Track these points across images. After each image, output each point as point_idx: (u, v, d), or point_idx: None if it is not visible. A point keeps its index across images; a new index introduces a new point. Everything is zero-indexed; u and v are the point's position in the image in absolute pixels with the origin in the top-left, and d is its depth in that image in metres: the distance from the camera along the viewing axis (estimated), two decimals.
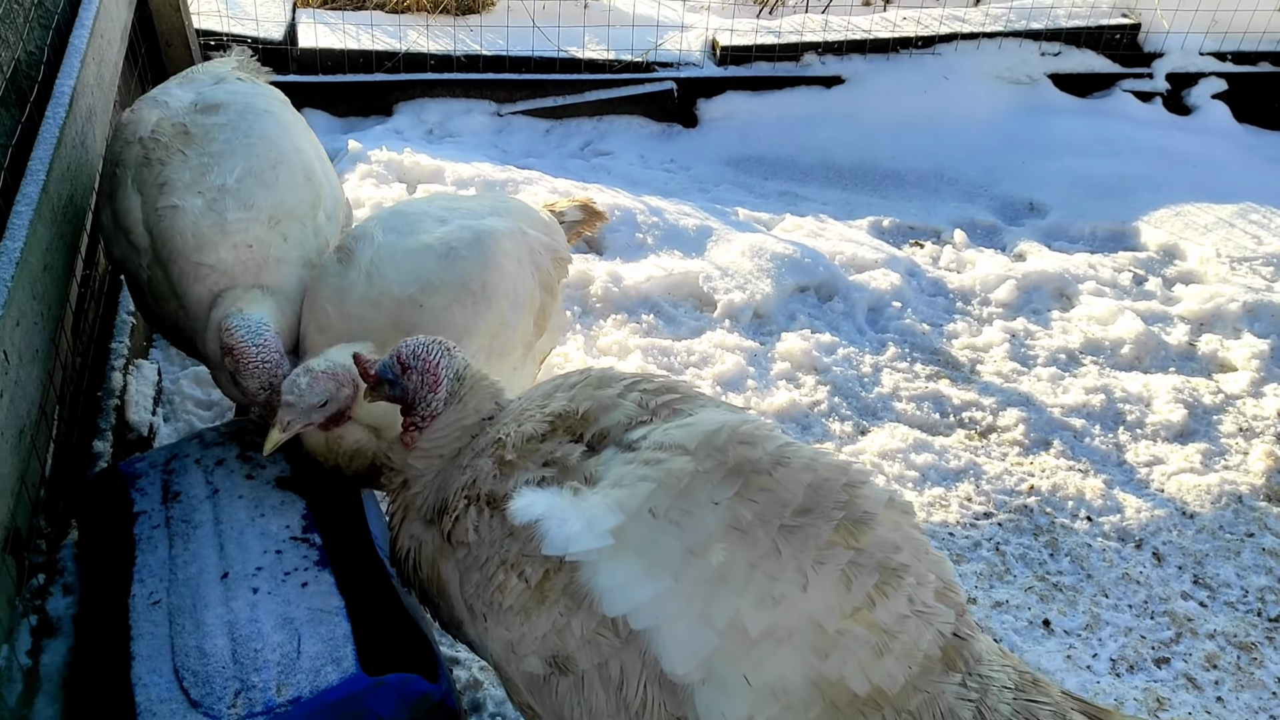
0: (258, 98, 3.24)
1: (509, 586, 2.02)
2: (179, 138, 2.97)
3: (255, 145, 3.00)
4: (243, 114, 3.09)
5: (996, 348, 4.67)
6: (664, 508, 1.94)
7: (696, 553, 1.90)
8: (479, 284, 2.84)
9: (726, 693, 1.87)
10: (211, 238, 2.83)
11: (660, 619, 1.89)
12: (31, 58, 3.15)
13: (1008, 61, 6.94)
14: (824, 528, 1.94)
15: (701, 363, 4.33)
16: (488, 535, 2.08)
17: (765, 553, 1.90)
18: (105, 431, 3.12)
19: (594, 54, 6.59)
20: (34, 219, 2.58)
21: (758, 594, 1.88)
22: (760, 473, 1.97)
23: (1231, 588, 3.55)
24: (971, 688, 1.99)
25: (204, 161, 2.91)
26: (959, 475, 3.91)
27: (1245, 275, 5.30)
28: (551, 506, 2.01)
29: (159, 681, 2.10)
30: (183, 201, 2.84)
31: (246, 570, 2.33)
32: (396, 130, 6.19)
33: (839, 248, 5.21)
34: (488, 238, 2.94)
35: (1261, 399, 4.43)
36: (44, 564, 2.59)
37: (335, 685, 2.10)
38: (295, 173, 3.05)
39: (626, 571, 1.92)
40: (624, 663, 1.92)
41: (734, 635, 1.87)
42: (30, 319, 2.49)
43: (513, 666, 2.08)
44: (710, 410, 2.17)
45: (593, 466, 2.07)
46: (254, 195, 2.91)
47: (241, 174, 2.92)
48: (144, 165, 2.94)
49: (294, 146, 3.13)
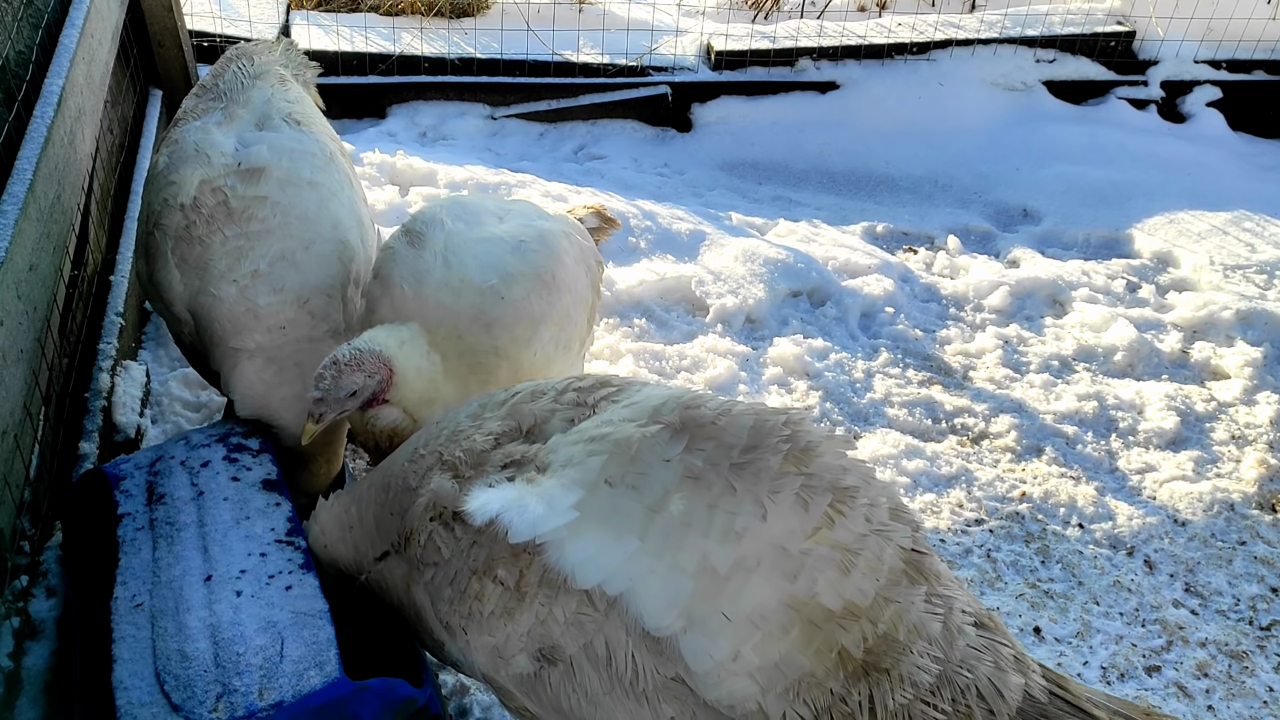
0: (303, 160, 3.17)
1: (486, 593, 2.03)
2: (220, 211, 2.99)
3: (291, 226, 3.02)
4: (283, 187, 3.07)
5: (989, 354, 4.66)
6: (619, 475, 1.99)
7: (657, 509, 1.95)
8: (550, 275, 2.91)
9: (709, 633, 1.91)
10: (246, 324, 2.92)
11: (634, 579, 1.93)
12: (20, 56, 3.13)
13: (1003, 68, 6.95)
14: (773, 460, 2.00)
15: (693, 367, 4.32)
16: (454, 548, 2.09)
17: (721, 492, 1.96)
18: (92, 433, 3.09)
19: (588, 58, 6.58)
20: (20, 218, 2.55)
21: (721, 531, 1.93)
22: (704, 424, 2.04)
23: (1223, 596, 3.54)
24: (936, 604, 2.06)
25: (240, 245, 2.96)
26: (950, 481, 3.90)
27: (1239, 283, 5.29)
28: (507, 499, 2.05)
29: (140, 685, 2.07)
30: (219, 291, 2.92)
31: (230, 573, 2.31)
32: (390, 133, 6.18)
33: (832, 253, 5.20)
34: (550, 235, 3.02)
35: (1254, 407, 4.42)
36: (27, 566, 2.56)
37: (318, 689, 2.07)
38: (328, 253, 3.07)
39: (594, 542, 1.96)
40: (608, 637, 1.94)
41: (706, 576, 1.92)
42: (14, 319, 2.47)
43: (502, 673, 2.08)
44: (650, 389, 2.23)
45: (543, 455, 2.12)
46: (285, 279, 2.97)
47: (274, 258, 2.97)
48: (184, 241, 2.98)
49: (331, 223, 3.12)
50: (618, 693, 1.97)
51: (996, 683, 2.04)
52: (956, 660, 2.03)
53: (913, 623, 2.02)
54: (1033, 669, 2.13)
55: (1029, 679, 2.10)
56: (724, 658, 1.91)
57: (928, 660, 2.00)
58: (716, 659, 1.91)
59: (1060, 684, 2.14)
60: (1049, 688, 2.12)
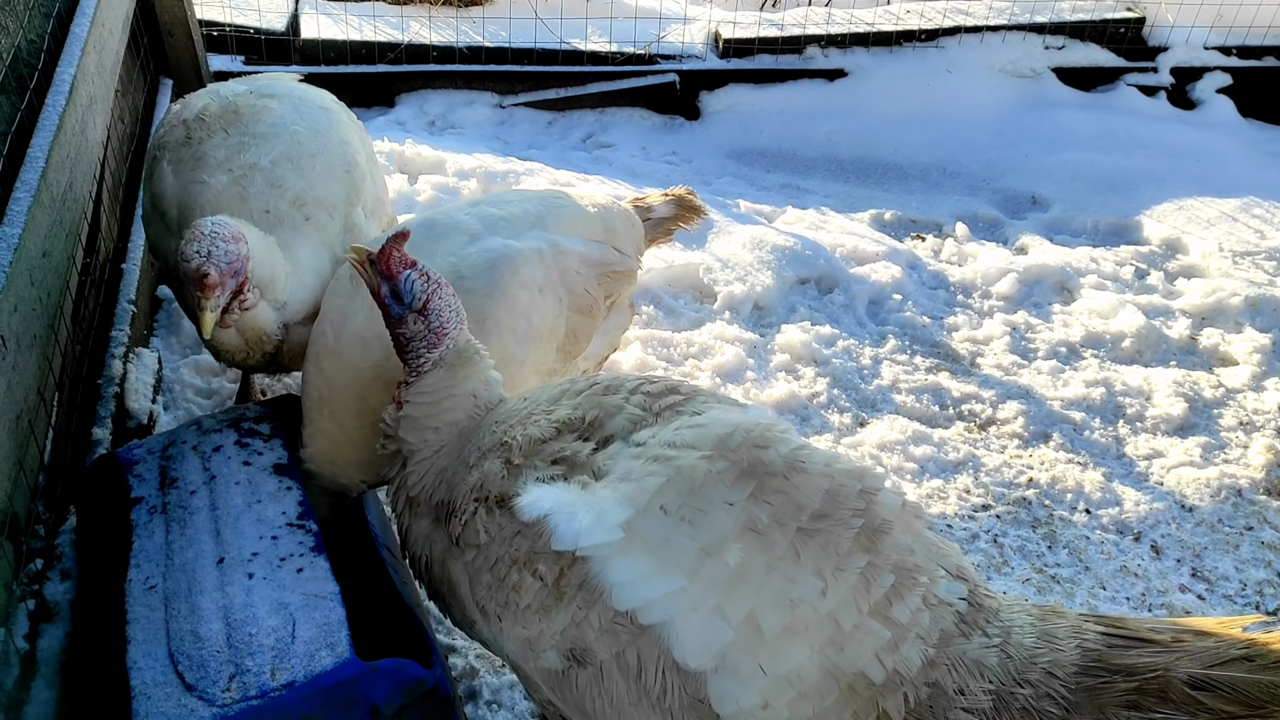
0: (314, 94, 3.25)
1: (525, 586, 2.02)
2: (225, 116, 2.96)
3: (300, 133, 2.97)
4: (297, 105, 3.07)
5: (997, 341, 4.66)
6: (675, 505, 1.94)
7: (711, 553, 1.90)
8: (477, 318, 2.63)
9: (740, 681, 1.88)
10: (230, 207, 2.81)
11: (673, 614, 1.89)
12: (32, 45, 3.15)
13: (1011, 55, 6.93)
14: (843, 535, 1.94)
15: (701, 354, 4.33)
16: (497, 534, 2.07)
17: (783, 555, 1.91)
18: (104, 419, 3.12)
19: (596, 46, 6.58)
20: (33, 205, 2.58)
21: (775, 595, 1.89)
22: (775, 475, 1.97)
23: (1230, 581, 3.55)
24: (994, 635, 2.02)
25: (242, 140, 2.88)
26: (958, 467, 3.91)
27: (1247, 269, 5.28)
28: (559, 501, 2.00)
29: (154, 665, 2.10)
30: (210, 178, 2.84)
31: (242, 556, 2.34)
32: (398, 121, 6.19)
33: (840, 240, 5.20)
34: (504, 264, 2.75)
35: (1262, 393, 4.42)
36: (42, 549, 2.59)
37: (329, 670, 2.10)
38: (335, 165, 2.99)
39: (638, 568, 1.91)
40: (640, 651, 1.93)
41: (749, 630, 1.88)
42: (28, 305, 2.50)
43: (530, 664, 2.09)
44: (718, 410, 2.16)
45: (600, 461, 2.07)
46: (285, 178, 2.87)
47: (277, 157, 2.88)
48: (184, 145, 2.95)
49: (341, 139, 3.09)
50: (644, 705, 1.96)
51: (1050, 668, 2.00)
52: (1013, 675, 1.99)
53: (965, 670, 1.98)
54: (1085, 628, 2.07)
55: (1083, 638, 2.04)
56: (752, 706, 1.89)
57: (980, 695, 1.97)
58: (743, 706, 1.89)
59: (1116, 623, 2.09)
60: (1104, 630, 2.06)
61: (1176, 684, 1.91)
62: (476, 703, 2.86)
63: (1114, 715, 1.94)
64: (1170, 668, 1.93)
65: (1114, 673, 1.97)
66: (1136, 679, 1.95)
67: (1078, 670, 1.99)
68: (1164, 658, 1.96)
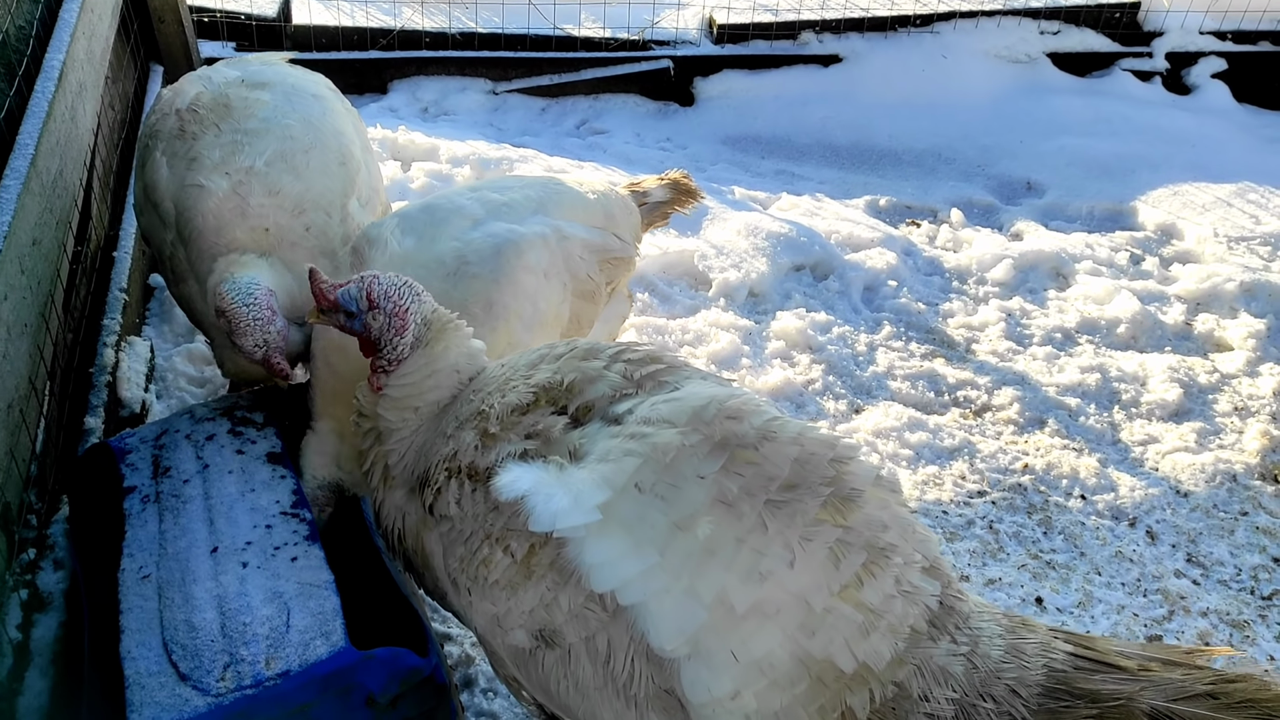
0: (307, 81, 3.21)
1: (494, 561, 2.01)
2: (217, 110, 2.93)
3: (293, 127, 2.95)
4: (288, 94, 3.04)
5: (992, 327, 4.65)
6: (650, 482, 1.93)
7: (683, 527, 1.89)
8: (483, 304, 2.67)
9: (712, 668, 1.87)
10: (231, 220, 2.81)
11: (648, 594, 1.88)
12: (21, 31, 3.13)
13: (1006, 40, 6.91)
14: (811, 504, 1.93)
15: (696, 341, 4.32)
16: (471, 509, 2.07)
17: (751, 527, 1.89)
18: (97, 408, 3.11)
19: (590, 32, 6.56)
20: (22, 193, 2.56)
21: (744, 569, 1.87)
22: (746, 447, 1.96)
23: (1225, 566, 3.55)
24: (962, 643, 2.00)
25: (236, 139, 2.86)
26: (953, 454, 3.91)
27: (1243, 255, 5.28)
28: (537, 482, 1.99)
29: (148, 655, 2.09)
30: (208, 181, 2.81)
31: (236, 545, 2.33)
32: (391, 108, 6.16)
33: (835, 227, 5.19)
34: (509, 249, 2.76)
35: (1257, 378, 4.42)
36: (34, 539, 2.58)
37: (324, 659, 2.10)
38: (329, 158, 2.98)
39: (614, 547, 1.91)
40: (611, 636, 1.92)
41: (721, 611, 1.87)
42: (19, 293, 2.48)
43: (498, 640, 2.09)
44: (696, 383, 2.15)
45: (577, 440, 2.06)
46: (281, 181, 2.86)
47: (272, 157, 2.87)
48: (177, 137, 2.92)
49: (334, 129, 3.08)
50: (608, 691, 1.95)
51: (1014, 685, 1.98)
52: (976, 688, 1.98)
53: (931, 674, 1.96)
54: (1054, 646, 2.05)
55: (1050, 657, 2.03)
56: (723, 695, 1.88)
57: (943, 703, 1.95)
58: (715, 694, 1.88)
59: (1084, 644, 2.08)
60: (1072, 651, 2.05)
61: (1139, 715, 1.90)
62: (473, 690, 2.86)
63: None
64: (1134, 697, 1.92)
65: (1077, 697, 1.97)
66: (1099, 706, 1.94)
67: (1042, 691, 1.98)
68: (1129, 686, 1.95)
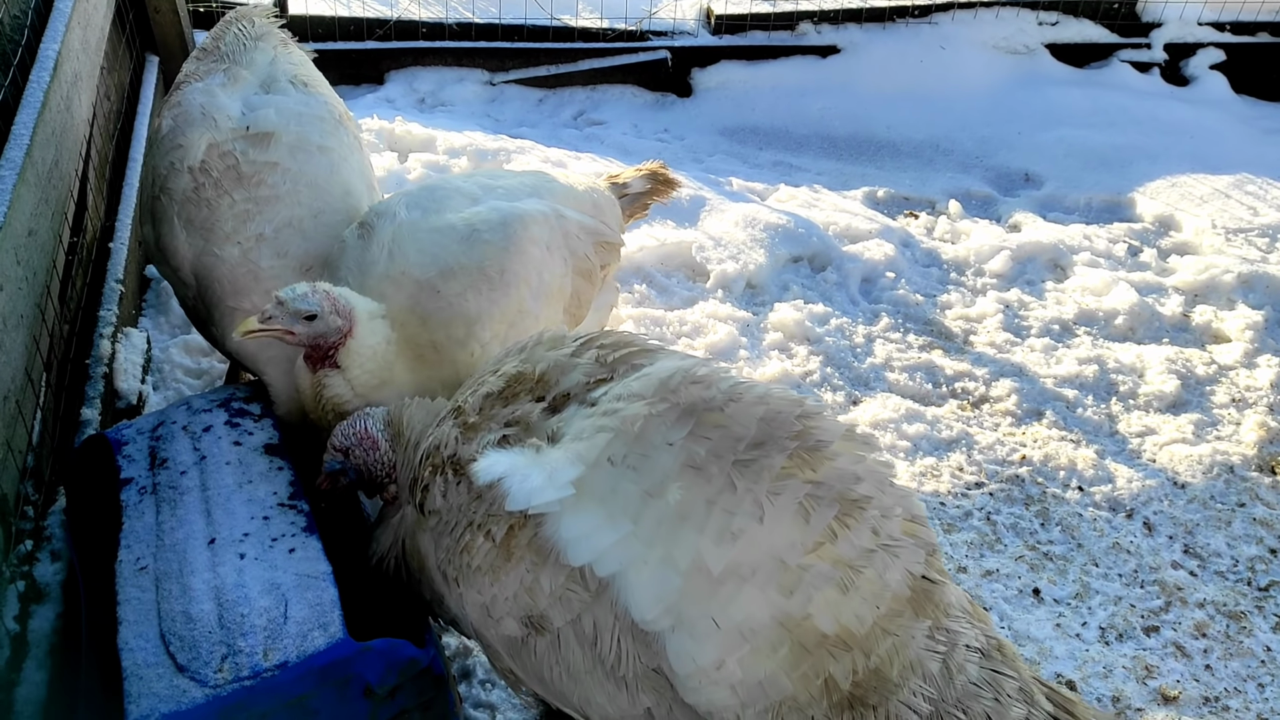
0: (311, 125, 3.14)
1: (475, 546, 2.04)
2: (229, 175, 2.97)
3: (301, 194, 3.00)
4: (294, 153, 3.04)
5: (990, 318, 4.65)
6: (621, 454, 1.97)
7: (654, 494, 1.92)
8: (497, 269, 2.80)
9: (695, 637, 1.89)
10: (246, 285, 2.92)
11: (624, 564, 1.91)
12: (15, 21, 3.11)
13: (1005, 31, 6.89)
14: (777, 458, 1.94)
15: (694, 333, 4.31)
16: (455, 500, 2.10)
17: (721, 488, 1.92)
18: (93, 399, 3.10)
19: (587, 22, 6.53)
20: (18, 183, 2.55)
21: (717, 530, 1.89)
22: (713, 409, 1.99)
23: (1222, 557, 3.56)
24: (939, 640, 2.00)
25: (247, 209, 2.94)
26: (951, 445, 3.91)
27: (1240, 246, 5.28)
28: (513, 465, 2.04)
29: (146, 646, 2.09)
30: (221, 251, 2.92)
31: (233, 536, 2.32)
32: (388, 99, 6.15)
33: (833, 218, 5.18)
34: (515, 221, 2.88)
35: (1255, 370, 4.42)
36: (31, 530, 2.57)
37: (322, 650, 2.09)
38: (336, 220, 3.04)
39: (588, 521, 1.94)
40: (596, 617, 1.94)
41: (698, 576, 1.89)
42: (14, 284, 2.47)
43: (491, 632, 2.10)
44: (666, 358, 2.19)
45: (555, 424, 2.10)
46: (289, 245, 2.95)
47: (280, 224, 2.95)
48: (192, 203, 2.96)
49: (343, 190, 3.11)
50: (599, 673, 1.97)
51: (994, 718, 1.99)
52: (953, 700, 1.98)
53: (909, 660, 1.96)
54: (1036, 698, 2.06)
55: (1031, 710, 2.03)
56: (708, 664, 1.90)
57: (920, 700, 1.95)
58: (700, 664, 1.90)
59: (1068, 708, 2.08)
60: (1054, 713, 2.06)
61: None
62: (470, 682, 2.86)
63: None
64: None
65: None
66: None
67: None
68: None
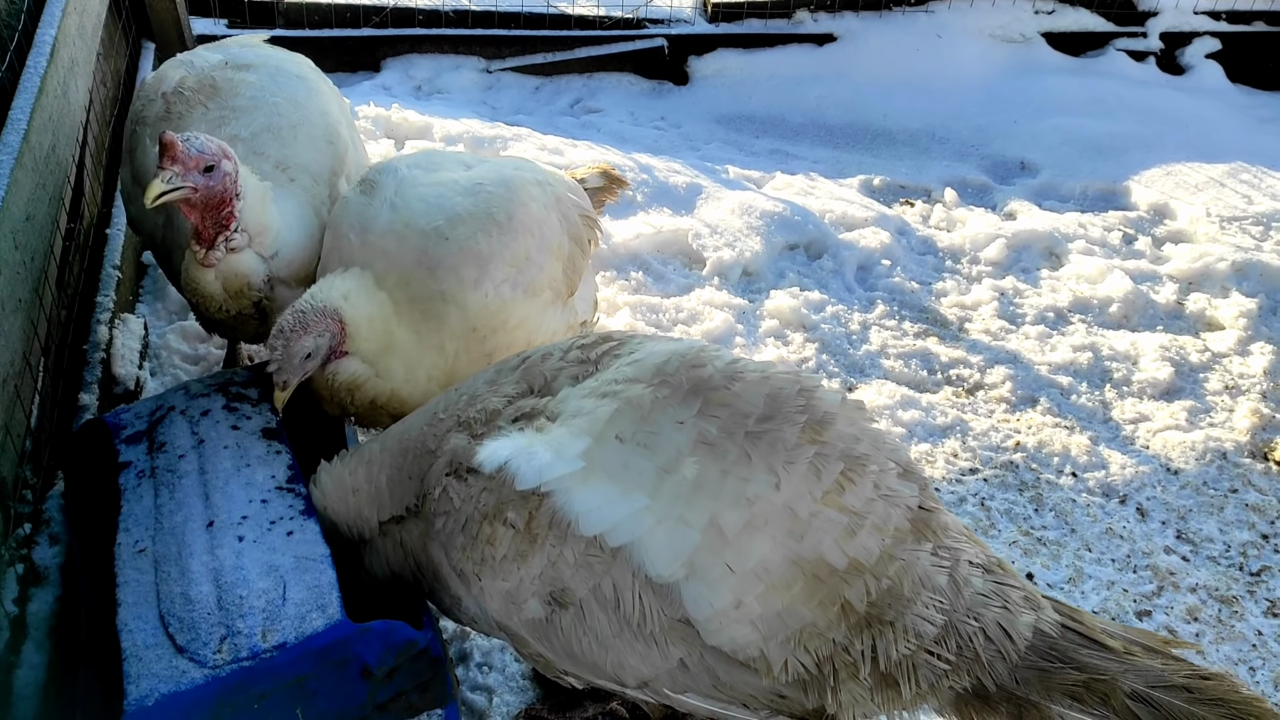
0: (290, 62, 3.24)
1: (498, 537, 2.06)
2: (204, 90, 2.96)
3: (280, 105, 2.99)
4: (273, 75, 3.07)
5: (985, 306, 4.67)
6: (630, 433, 2.03)
7: (669, 470, 1.99)
8: (504, 215, 2.83)
9: (710, 583, 1.97)
10: None
11: (640, 533, 1.97)
12: (12, 7, 3.11)
13: (1001, 19, 6.89)
14: (790, 431, 2.05)
15: (690, 320, 4.32)
16: (465, 495, 2.12)
17: (736, 459, 2.00)
18: (91, 384, 3.11)
19: (584, 10, 6.52)
20: (15, 167, 2.56)
21: (733, 496, 1.98)
22: (717, 389, 2.08)
23: (1214, 542, 3.58)
24: (943, 557, 2.13)
25: (223, 115, 2.90)
26: (946, 431, 3.92)
27: (1235, 234, 5.29)
28: (517, 446, 2.08)
29: (145, 627, 2.10)
30: None
31: (232, 519, 2.33)
32: (384, 86, 6.14)
33: (829, 206, 5.19)
34: (514, 178, 2.94)
35: (1248, 357, 4.44)
36: (30, 514, 2.59)
37: (320, 631, 2.10)
38: (316, 135, 3.02)
39: (602, 493, 2.00)
40: (615, 579, 1.99)
41: (713, 533, 1.97)
42: (12, 268, 2.48)
43: (515, 619, 2.12)
44: (652, 344, 2.26)
45: (552, 406, 2.16)
46: (266, 146, 2.90)
47: (258, 129, 2.91)
48: (163, 119, 2.94)
49: (320, 110, 3.11)
50: (627, 635, 2.02)
51: (1004, 624, 2.10)
52: (963, 609, 2.09)
53: (918, 576, 2.07)
54: (1044, 606, 2.18)
55: (1040, 615, 2.15)
56: (725, 606, 1.97)
57: (933, 611, 2.06)
58: (717, 607, 1.97)
59: (1074, 617, 2.19)
60: (1062, 621, 2.16)
61: (1119, 693, 2.05)
62: (468, 665, 2.88)
63: (1058, 701, 2.07)
64: (1118, 676, 2.07)
65: (1066, 664, 2.10)
66: (1086, 675, 2.08)
67: (1030, 647, 2.11)
68: (1114, 665, 2.09)
